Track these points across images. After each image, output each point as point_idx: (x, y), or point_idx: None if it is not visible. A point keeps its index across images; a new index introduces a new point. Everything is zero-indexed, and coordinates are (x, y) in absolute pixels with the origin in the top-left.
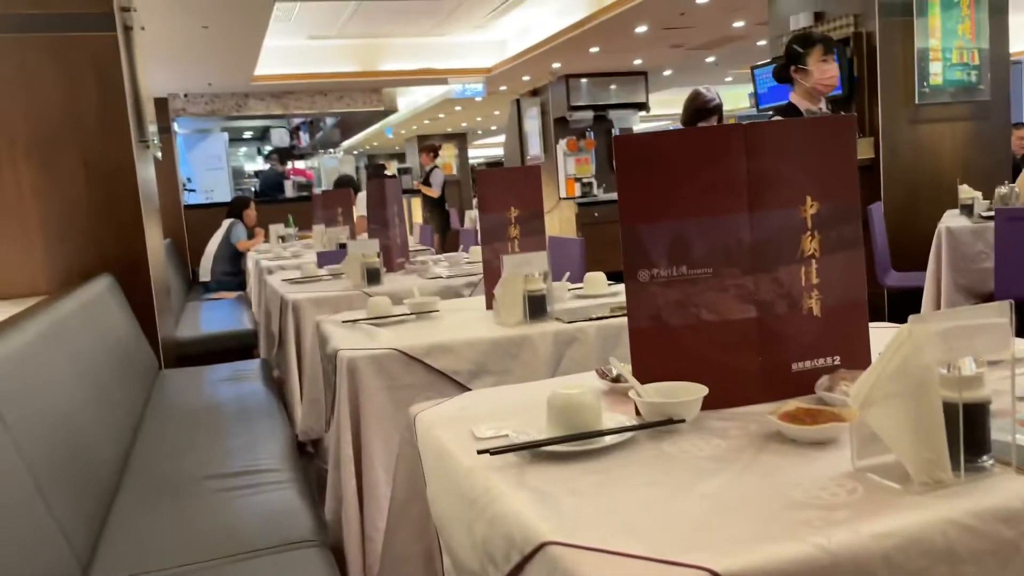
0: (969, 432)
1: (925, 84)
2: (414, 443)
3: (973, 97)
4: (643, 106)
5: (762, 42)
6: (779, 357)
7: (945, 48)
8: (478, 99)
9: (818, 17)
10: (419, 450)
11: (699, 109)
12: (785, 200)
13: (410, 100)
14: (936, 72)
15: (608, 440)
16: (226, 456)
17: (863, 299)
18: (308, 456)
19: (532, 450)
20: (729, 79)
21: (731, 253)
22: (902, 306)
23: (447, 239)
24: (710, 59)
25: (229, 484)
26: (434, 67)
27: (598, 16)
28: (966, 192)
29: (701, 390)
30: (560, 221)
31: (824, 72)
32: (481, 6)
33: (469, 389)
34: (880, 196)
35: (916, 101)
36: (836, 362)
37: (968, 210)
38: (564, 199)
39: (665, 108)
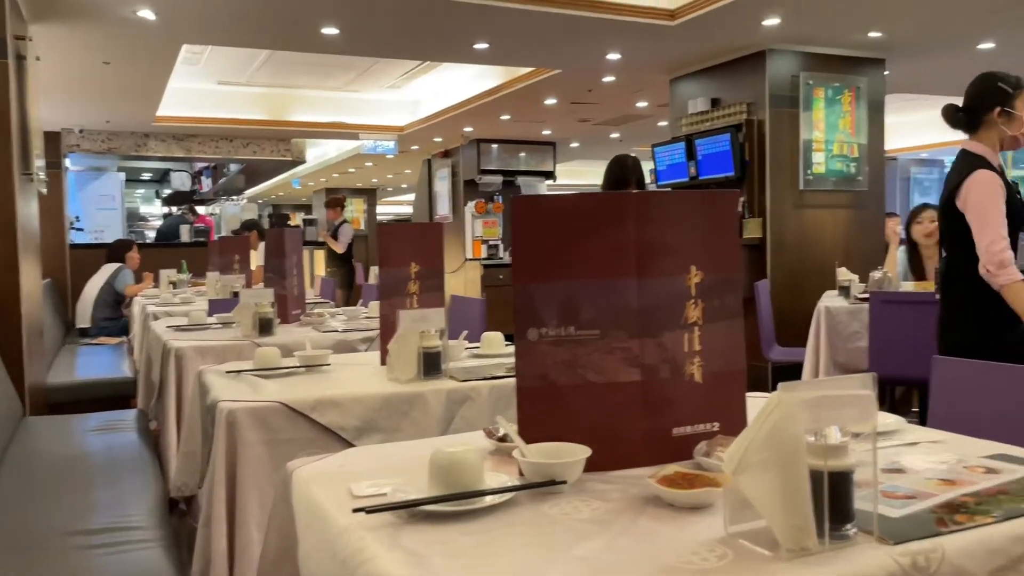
0: (834, 500)
1: (809, 172)
2: (289, 500)
3: (852, 187)
4: (550, 175)
5: (663, 123)
6: (661, 421)
7: (828, 140)
8: (389, 156)
9: (714, 103)
10: (293, 507)
11: (619, 178)
12: (672, 268)
13: (320, 152)
14: (819, 162)
15: (489, 500)
16: (89, 511)
17: (742, 367)
18: (180, 514)
19: (409, 509)
20: (633, 155)
21: (619, 316)
22: (785, 379)
23: (353, 295)
24: (615, 135)
25: (90, 542)
26: (346, 121)
27: (510, 85)
28: (844, 274)
29: (584, 451)
30: (465, 282)
31: None
32: (396, 67)
33: (355, 447)
34: (767, 274)
35: (801, 187)
36: (715, 428)
37: (845, 291)
38: (470, 260)
39: (572, 178)
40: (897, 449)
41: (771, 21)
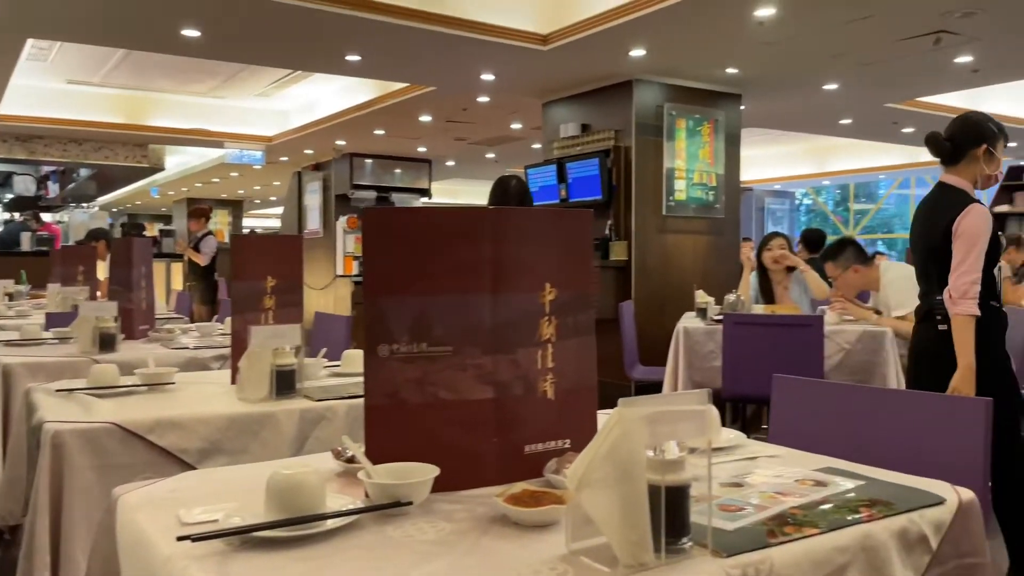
0: (671, 515)
1: (672, 198)
2: (113, 529)
3: (710, 214)
4: (426, 192)
5: (536, 145)
6: (513, 439)
7: (689, 169)
8: (256, 167)
9: (584, 128)
10: (116, 536)
11: (500, 200)
12: (526, 285)
13: (181, 160)
14: (680, 189)
15: (330, 524)
16: None
17: (594, 384)
18: (5, 544)
19: (241, 536)
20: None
21: (472, 333)
22: None
23: (216, 310)
24: (491, 155)
25: None
26: (210, 129)
27: (384, 100)
28: (701, 297)
29: (432, 471)
30: (336, 299)
31: (1000, 164)
32: (265, 74)
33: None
34: (631, 295)
35: (664, 212)
36: (567, 445)
37: (703, 313)
38: (340, 276)
39: (448, 196)
40: (737, 464)
41: (637, 52)
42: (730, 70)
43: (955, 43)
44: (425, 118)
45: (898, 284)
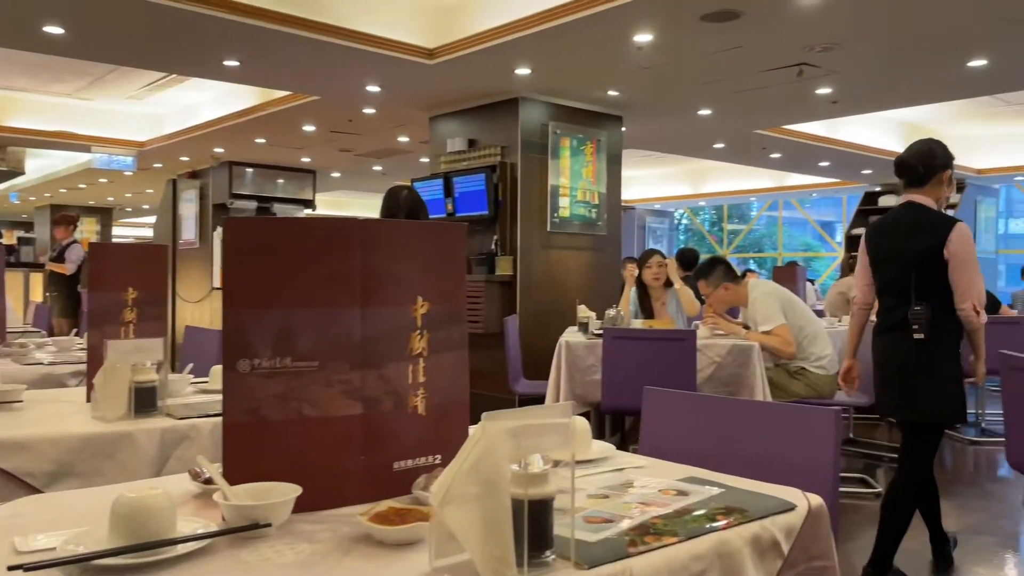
0: (534, 528)
1: (556, 215)
2: None
3: (593, 231)
4: (310, 203)
5: (424, 159)
6: (382, 455)
7: (573, 187)
8: (127, 173)
9: (471, 143)
10: None
11: (390, 212)
12: (397, 298)
13: (44, 164)
14: (565, 206)
15: (180, 549)
16: None
17: (466, 399)
18: None
19: (82, 564)
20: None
21: (340, 347)
22: None
23: (78, 324)
24: (377, 167)
25: None
26: (75, 132)
27: (265, 107)
28: (583, 312)
29: (294, 491)
30: (212, 312)
31: (954, 187)
32: (137, 77)
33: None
34: (516, 309)
35: (549, 229)
36: (437, 461)
37: (584, 328)
38: (217, 289)
39: (334, 208)
40: (604, 475)
41: (523, 71)
42: (612, 92)
43: (816, 75)
44: (309, 128)
45: (764, 300)
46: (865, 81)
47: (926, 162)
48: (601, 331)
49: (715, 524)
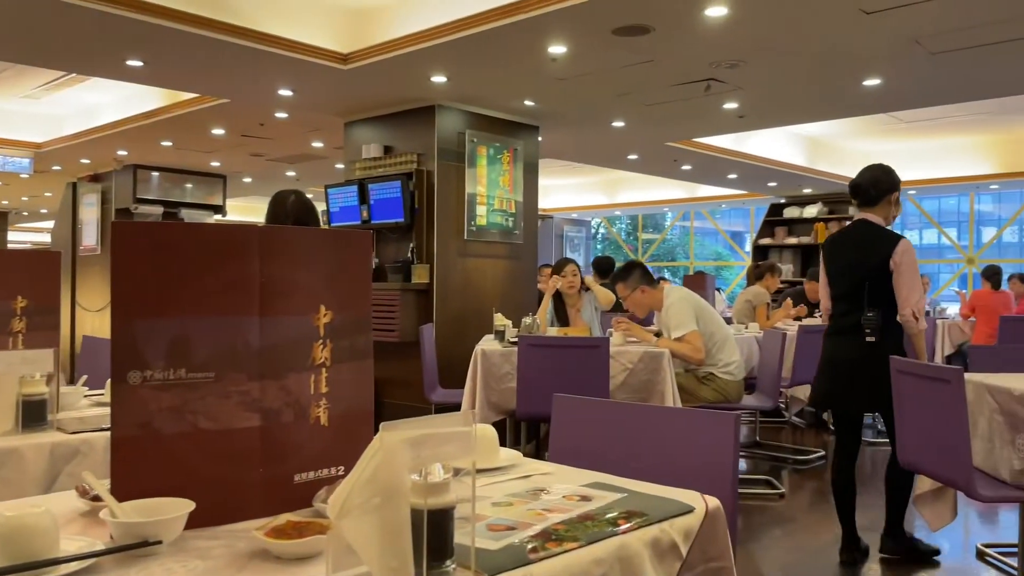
0: (434, 538)
1: (473, 223)
2: None
3: (510, 239)
4: (219, 209)
5: (339, 164)
6: (282, 468)
7: (490, 195)
8: (23, 175)
9: (387, 150)
10: None
11: (276, 217)
12: (298, 307)
13: None
14: (482, 214)
15: (63, 569)
16: None
17: (371, 409)
18: None
19: None
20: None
21: (237, 357)
22: None
23: None
24: (291, 173)
25: None
26: None
27: (172, 109)
28: (500, 320)
29: (186, 506)
30: None
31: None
32: (33, 75)
33: None
34: (432, 318)
35: (465, 237)
36: (340, 472)
37: (500, 335)
38: None
39: (246, 214)
40: (510, 483)
41: (439, 79)
42: (528, 102)
43: (723, 90)
44: (218, 131)
45: (678, 307)
46: (768, 97)
47: (876, 185)
48: (517, 339)
49: (616, 528)
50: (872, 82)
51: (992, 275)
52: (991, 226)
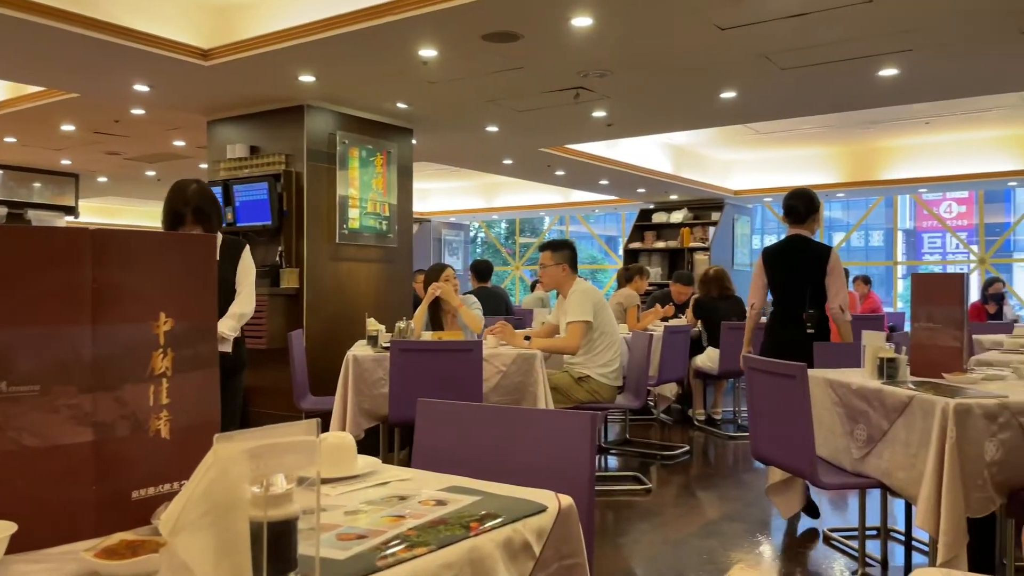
0: (275, 550)
1: (345, 226)
2: None
3: (384, 243)
4: (71, 210)
5: (203, 165)
6: (118, 485)
7: (362, 198)
8: None
9: (253, 151)
10: None
11: (173, 208)
12: (135, 314)
13: None
14: (354, 217)
15: None
16: None
17: (216, 420)
18: None
19: None
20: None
21: (67, 369)
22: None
23: None
24: (151, 172)
25: None
26: None
27: (14, 103)
28: (372, 324)
29: (6, 529)
30: None
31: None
32: None
33: None
34: (302, 323)
35: (337, 240)
36: (183, 487)
37: (373, 340)
38: None
39: (102, 216)
40: (368, 490)
41: (307, 78)
42: (400, 105)
43: (592, 99)
44: (68, 127)
45: (581, 297)
46: (634, 107)
47: (805, 206)
48: (389, 344)
49: (468, 531)
50: (728, 94)
51: None
52: (840, 231)
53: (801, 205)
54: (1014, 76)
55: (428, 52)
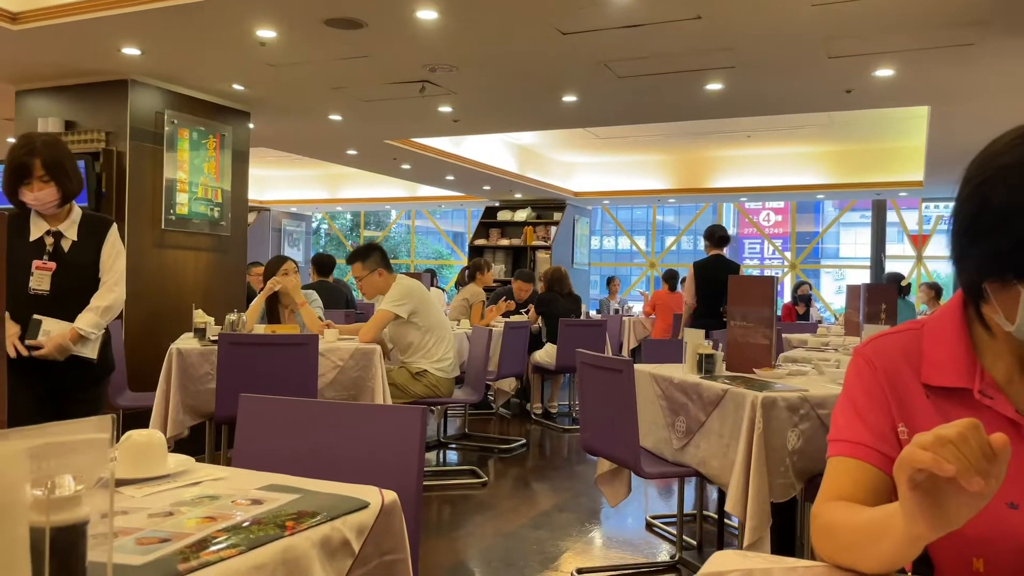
0: (61, 558)
1: (172, 212)
2: None
3: (216, 231)
4: None
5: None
6: None
7: (192, 182)
8: None
9: (69, 126)
10: None
11: None
12: None
13: None
14: (183, 202)
15: None
16: None
17: (3, 418)
18: None
19: None
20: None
21: None
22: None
23: None
24: None
25: None
26: None
27: None
28: (200, 316)
29: None
30: None
31: None
32: None
33: None
34: (121, 314)
35: (163, 226)
36: None
37: (201, 333)
38: None
39: None
40: (177, 490)
41: (131, 51)
42: (236, 86)
43: (437, 93)
44: None
45: (399, 289)
46: (480, 104)
47: (724, 235)
48: (217, 337)
49: (283, 531)
50: (570, 98)
51: (670, 278)
52: (671, 234)
53: (724, 234)
54: (823, 97)
55: (266, 33)
